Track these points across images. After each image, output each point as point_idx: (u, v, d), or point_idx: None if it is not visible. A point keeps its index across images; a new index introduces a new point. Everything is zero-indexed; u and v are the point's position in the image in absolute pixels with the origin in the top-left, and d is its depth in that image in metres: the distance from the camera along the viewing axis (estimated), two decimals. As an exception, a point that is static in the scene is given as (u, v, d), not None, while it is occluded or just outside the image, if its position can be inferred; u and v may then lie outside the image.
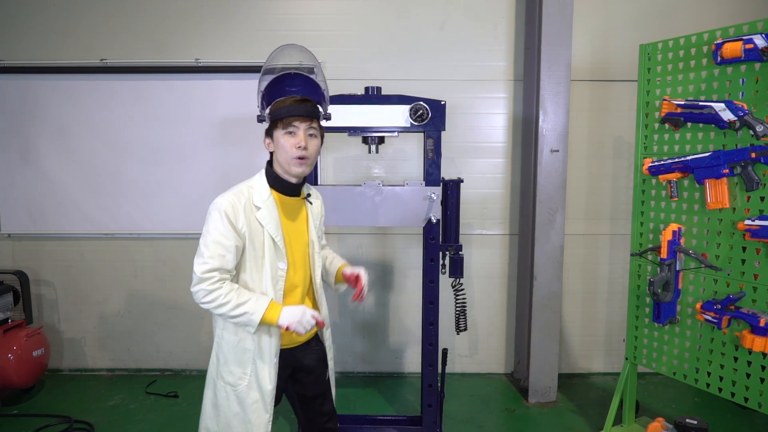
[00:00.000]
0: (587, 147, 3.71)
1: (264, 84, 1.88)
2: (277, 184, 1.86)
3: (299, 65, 1.99)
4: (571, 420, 3.25)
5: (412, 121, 2.63)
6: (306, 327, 1.75)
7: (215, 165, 3.70)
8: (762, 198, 2.22)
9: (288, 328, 1.74)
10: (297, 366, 1.97)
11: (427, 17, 3.62)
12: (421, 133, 2.86)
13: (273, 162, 1.87)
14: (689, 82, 2.48)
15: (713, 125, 2.34)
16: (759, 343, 2.20)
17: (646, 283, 2.69)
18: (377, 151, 2.79)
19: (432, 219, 2.70)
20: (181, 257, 3.81)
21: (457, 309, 2.91)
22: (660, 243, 2.55)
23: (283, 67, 1.93)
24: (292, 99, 1.80)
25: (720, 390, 2.41)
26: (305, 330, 1.76)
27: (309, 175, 2.28)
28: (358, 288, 1.97)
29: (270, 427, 1.88)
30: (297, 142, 1.77)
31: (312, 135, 1.82)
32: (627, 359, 2.83)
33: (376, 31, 3.63)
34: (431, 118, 2.63)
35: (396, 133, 2.71)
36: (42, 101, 3.65)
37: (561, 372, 3.60)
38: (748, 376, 2.29)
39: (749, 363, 2.28)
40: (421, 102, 2.62)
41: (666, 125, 2.54)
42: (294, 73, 1.88)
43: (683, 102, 2.44)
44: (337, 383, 2.39)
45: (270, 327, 1.81)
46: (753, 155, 2.18)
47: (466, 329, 2.96)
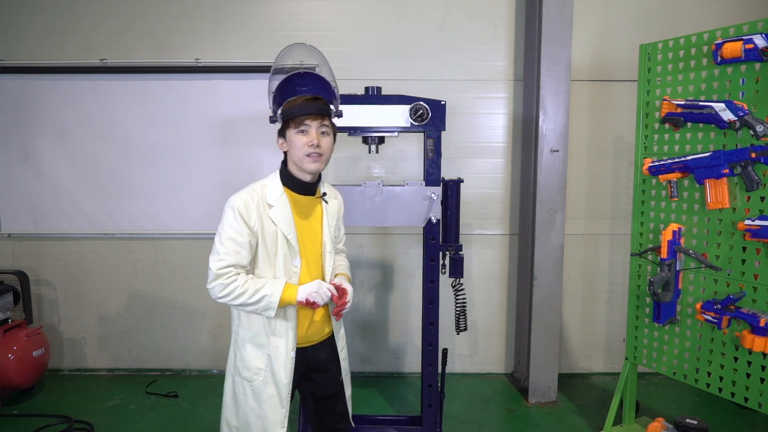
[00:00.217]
0: (587, 147, 3.70)
1: (274, 84, 1.89)
2: (291, 182, 1.88)
3: (300, 65, 1.99)
4: (571, 420, 3.25)
5: (412, 121, 2.63)
6: (324, 298, 1.81)
7: (215, 165, 3.69)
8: (762, 198, 2.22)
9: (307, 300, 1.78)
10: (311, 365, 1.98)
11: (427, 17, 3.62)
12: (421, 133, 2.85)
13: (287, 161, 1.89)
14: (689, 82, 2.48)
15: (713, 125, 2.34)
16: (759, 343, 2.20)
17: (646, 283, 2.69)
18: (377, 151, 2.78)
19: (432, 219, 2.69)
20: (181, 257, 3.81)
21: (457, 309, 2.91)
22: (660, 243, 2.55)
23: (291, 67, 1.94)
24: (303, 98, 1.81)
25: (720, 390, 2.41)
26: (323, 300, 1.81)
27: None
28: (340, 303, 1.89)
29: (286, 423, 1.89)
30: (309, 140, 1.79)
31: (324, 133, 1.83)
32: (627, 359, 2.83)
33: (376, 31, 3.63)
34: (431, 118, 2.63)
35: (396, 133, 2.71)
36: (42, 101, 3.65)
37: (561, 372, 3.60)
38: (748, 376, 2.29)
39: (749, 363, 2.28)
40: (421, 102, 2.61)
41: (666, 125, 2.54)
42: (304, 72, 1.89)
43: (683, 102, 2.44)
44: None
45: (286, 323, 1.84)
46: (753, 155, 2.18)
47: (466, 329, 2.96)
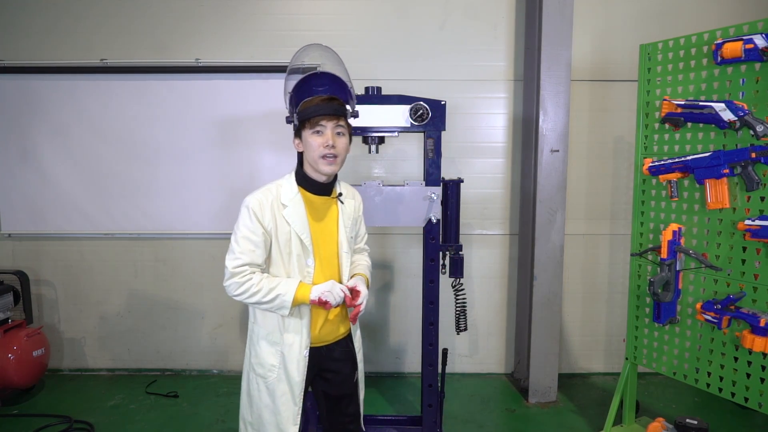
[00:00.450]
0: (587, 147, 3.70)
1: (291, 84, 1.89)
2: (306, 183, 1.89)
3: (301, 65, 1.99)
4: (571, 420, 3.25)
5: (412, 121, 2.62)
6: (336, 298, 1.81)
7: (215, 165, 3.69)
8: (762, 198, 2.22)
9: (319, 299, 1.78)
10: (324, 365, 1.98)
11: (427, 17, 3.62)
12: (421, 133, 2.85)
13: (303, 162, 1.89)
14: (689, 82, 2.48)
15: (713, 125, 2.34)
16: (759, 343, 2.20)
17: (646, 283, 2.69)
18: (377, 151, 2.78)
19: (432, 219, 2.69)
20: (182, 257, 3.81)
21: (457, 309, 2.91)
22: (660, 243, 2.54)
23: (307, 67, 1.93)
24: (319, 98, 1.82)
25: (720, 390, 2.41)
26: (336, 301, 1.81)
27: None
28: (355, 309, 1.89)
29: (299, 420, 1.89)
30: (324, 141, 1.79)
31: (340, 133, 1.84)
32: (627, 359, 2.83)
33: (376, 31, 3.63)
34: (431, 118, 2.63)
35: (396, 133, 2.71)
36: (42, 101, 3.65)
37: (561, 372, 3.60)
38: (748, 376, 2.29)
39: (749, 363, 2.28)
40: (421, 102, 2.61)
41: (666, 125, 2.53)
42: (321, 72, 1.89)
43: (683, 102, 2.44)
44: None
45: (300, 321, 1.86)
46: (753, 155, 2.18)
47: (466, 329, 2.96)
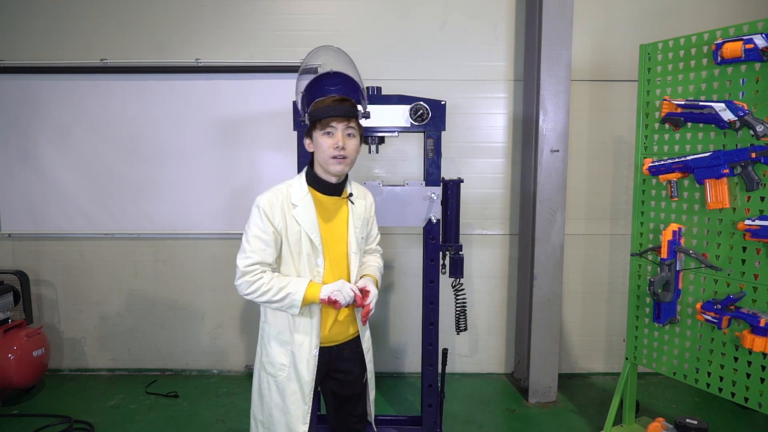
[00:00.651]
0: (587, 147, 3.70)
1: (303, 84, 1.89)
2: (316, 183, 1.89)
3: (313, 65, 1.99)
4: (571, 420, 3.25)
5: (412, 121, 2.62)
6: (346, 298, 1.81)
7: (215, 165, 3.69)
8: (762, 198, 2.22)
9: (329, 299, 1.79)
10: (334, 365, 1.98)
11: (427, 17, 3.62)
12: (421, 133, 2.85)
13: (314, 162, 1.90)
14: (689, 82, 2.48)
15: (713, 125, 2.34)
16: (759, 343, 2.20)
17: (646, 283, 2.69)
18: (377, 151, 2.78)
19: (432, 219, 2.69)
20: (182, 257, 3.81)
21: (457, 309, 2.91)
22: (660, 243, 2.54)
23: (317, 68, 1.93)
24: (331, 99, 1.82)
25: (720, 390, 2.41)
26: (345, 300, 1.81)
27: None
28: (365, 309, 1.89)
29: (309, 419, 1.90)
30: (335, 142, 1.79)
31: (350, 135, 1.84)
32: (627, 359, 2.83)
33: (376, 31, 3.63)
34: (431, 118, 2.63)
35: (396, 133, 2.71)
36: (42, 101, 3.65)
37: (561, 372, 3.60)
38: (748, 376, 2.29)
39: (749, 363, 2.28)
40: (421, 102, 2.61)
41: (666, 125, 2.53)
42: (333, 73, 1.89)
43: (683, 102, 2.44)
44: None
45: (310, 321, 1.87)
46: (753, 155, 2.18)
47: (466, 329, 2.96)
